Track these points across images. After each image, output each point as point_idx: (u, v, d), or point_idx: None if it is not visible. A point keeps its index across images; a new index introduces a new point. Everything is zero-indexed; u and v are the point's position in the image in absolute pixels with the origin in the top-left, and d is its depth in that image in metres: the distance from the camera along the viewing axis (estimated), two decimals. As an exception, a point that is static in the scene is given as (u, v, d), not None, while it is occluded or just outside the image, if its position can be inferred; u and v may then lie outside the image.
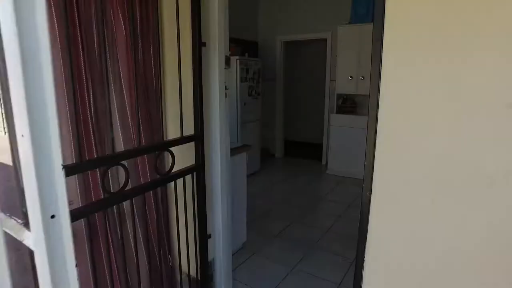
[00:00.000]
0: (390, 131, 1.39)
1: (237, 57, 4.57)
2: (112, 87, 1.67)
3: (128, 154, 1.43)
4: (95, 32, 1.51)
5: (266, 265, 2.76)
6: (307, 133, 7.51)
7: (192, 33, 1.72)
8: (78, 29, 1.44)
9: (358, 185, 4.76)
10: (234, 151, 2.58)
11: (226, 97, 2.02)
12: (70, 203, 1.39)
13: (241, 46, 5.56)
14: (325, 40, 5.56)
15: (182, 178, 1.77)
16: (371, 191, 1.44)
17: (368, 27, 4.75)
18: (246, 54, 4.89)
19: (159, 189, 1.83)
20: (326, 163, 5.63)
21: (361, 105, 5.36)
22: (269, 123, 6.37)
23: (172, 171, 1.70)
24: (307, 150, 6.96)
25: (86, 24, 1.49)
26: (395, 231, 1.41)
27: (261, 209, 3.87)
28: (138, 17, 1.70)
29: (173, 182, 1.75)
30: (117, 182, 1.72)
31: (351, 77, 5.00)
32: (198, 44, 1.73)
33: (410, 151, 1.34)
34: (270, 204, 4.05)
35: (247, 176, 5.11)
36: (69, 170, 1.18)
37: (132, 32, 1.53)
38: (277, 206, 4.00)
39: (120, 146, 1.72)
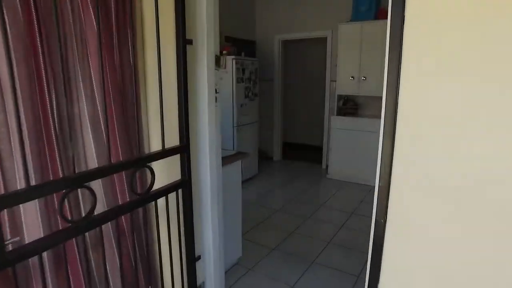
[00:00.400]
0: (411, 146, 1.16)
1: (233, 56, 4.34)
2: (82, 92, 1.43)
3: (94, 174, 1.19)
4: (57, 24, 1.27)
5: (263, 283, 2.53)
6: (306, 135, 7.28)
7: (175, 28, 1.48)
8: (34, 18, 1.20)
9: (359, 190, 4.53)
10: (227, 159, 2.35)
11: (216, 101, 1.78)
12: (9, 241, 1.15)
13: (238, 45, 5.32)
14: (325, 38, 5.33)
15: (166, 196, 1.54)
16: (386, 218, 1.21)
17: (370, 25, 4.53)
18: (243, 53, 4.66)
19: (140, 210, 1.59)
20: (327, 167, 5.41)
21: (362, 107, 5.14)
22: (267, 125, 6.13)
23: (153, 190, 1.46)
24: (306, 153, 6.72)
25: (45, 13, 1.25)
26: (418, 267, 1.18)
27: (258, 218, 3.64)
28: (113, 8, 1.46)
29: (156, 201, 1.52)
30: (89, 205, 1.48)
31: (352, 77, 4.77)
32: (183, 41, 1.49)
33: (438, 171, 1.10)
34: (268, 212, 3.82)
35: (244, 181, 4.92)
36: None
37: (105, 27, 1.30)
38: (275, 215, 3.76)
39: (93, 162, 1.48)
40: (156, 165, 1.68)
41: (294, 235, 3.28)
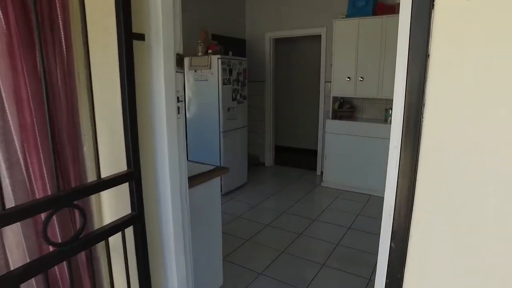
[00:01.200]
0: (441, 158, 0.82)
1: (219, 56, 3.97)
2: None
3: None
4: None
5: (246, 320, 2.17)
6: (300, 138, 6.92)
7: (116, 17, 1.12)
8: None
9: (357, 200, 4.19)
10: (203, 177, 1.99)
11: (179, 112, 1.42)
12: None
13: (226, 44, 4.95)
14: (319, 36, 4.98)
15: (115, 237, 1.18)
16: (407, 254, 0.86)
17: (368, 22, 4.18)
18: (230, 52, 4.29)
19: (82, 254, 1.23)
20: (321, 173, 5.07)
21: (360, 110, 4.79)
22: (258, 129, 5.77)
23: (89, 232, 1.10)
24: (300, 158, 6.38)
25: None
26: None
27: (245, 235, 3.28)
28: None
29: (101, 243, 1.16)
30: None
31: (348, 78, 4.42)
32: (127, 35, 1.13)
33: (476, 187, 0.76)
34: (257, 228, 3.46)
35: (232, 191, 4.57)
36: None
37: (20, 17, 0.93)
38: (264, 231, 3.41)
39: (8, 197, 1.11)
40: (105, 196, 1.33)
41: (284, 256, 2.92)
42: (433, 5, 0.77)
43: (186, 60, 4.18)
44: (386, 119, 4.47)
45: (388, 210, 0.95)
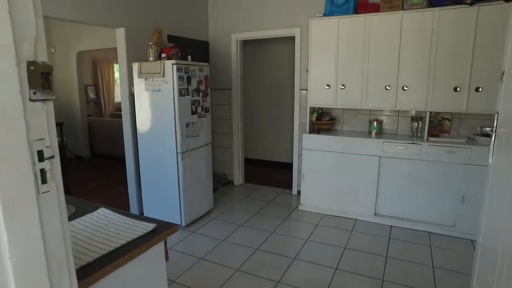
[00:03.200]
0: None
1: (173, 61, 3.26)
2: None
3: None
4: None
5: None
6: (273, 151, 6.29)
7: None
8: None
9: (341, 228, 3.60)
10: (129, 250, 1.28)
11: (46, 181, 0.71)
12: None
13: (185, 46, 4.25)
14: (294, 38, 4.38)
15: None
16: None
17: (349, 21, 3.61)
18: (189, 57, 3.59)
19: None
20: (298, 193, 4.46)
21: (340, 121, 4.23)
22: (225, 143, 5.08)
23: None
24: (273, 173, 5.75)
25: None
26: None
27: (210, 286, 2.59)
28: None
29: None
30: None
31: (328, 85, 3.84)
32: None
33: None
34: (224, 273, 2.77)
35: (195, 222, 3.81)
36: None
37: None
38: (234, 278, 2.73)
39: None
40: None
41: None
42: None
43: (135, 67, 3.43)
44: (370, 131, 3.93)
45: None
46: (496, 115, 1.30)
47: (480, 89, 3.23)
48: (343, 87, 3.76)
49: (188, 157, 3.49)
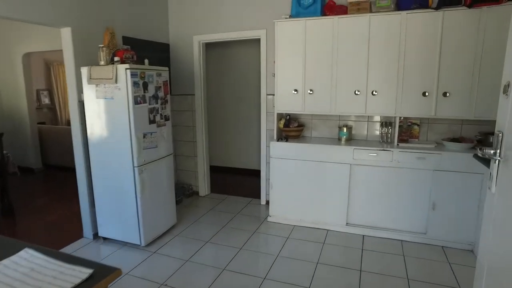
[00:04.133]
0: None
1: (127, 66, 2.94)
2: None
3: None
4: None
5: None
6: (240, 158, 6.07)
7: None
8: None
9: (313, 240, 3.43)
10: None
11: None
12: None
13: (143, 49, 3.93)
14: (259, 40, 4.18)
15: None
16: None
17: (316, 23, 3.45)
18: (146, 61, 3.27)
19: None
20: (267, 202, 4.26)
21: (308, 127, 4.07)
22: (188, 152, 4.79)
23: None
24: (240, 181, 5.52)
25: None
26: None
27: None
28: None
29: None
30: None
31: (295, 90, 3.67)
32: None
33: None
34: (187, 302, 2.50)
35: (156, 240, 3.44)
36: None
37: None
38: (197, 306, 2.46)
39: None
40: None
41: None
42: None
43: (84, 71, 3.08)
44: (340, 138, 3.80)
45: None
46: (499, 135, 1.12)
47: (448, 94, 3.18)
48: (311, 92, 3.60)
49: (147, 170, 3.18)
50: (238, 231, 3.65)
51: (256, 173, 4.48)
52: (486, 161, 1.23)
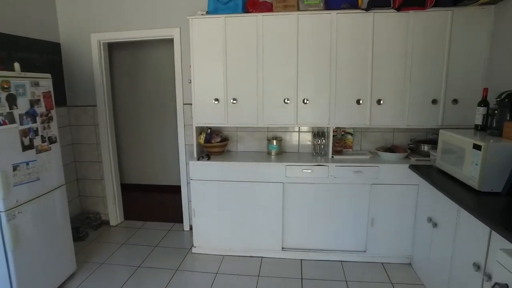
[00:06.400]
0: None
1: (-19, 73, 2.11)
2: None
3: None
4: None
5: None
6: (160, 174, 5.35)
7: None
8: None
9: (246, 273, 2.96)
10: None
11: None
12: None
13: (21, 49, 3.06)
14: (172, 40, 3.57)
15: None
16: None
17: (238, 21, 2.95)
18: (17, 65, 2.44)
19: None
20: (191, 228, 3.67)
21: (234, 140, 3.58)
22: (93, 174, 3.97)
23: None
24: (159, 202, 4.83)
25: None
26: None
27: None
28: None
29: None
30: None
31: (216, 100, 3.14)
32: None
33: None
34: None
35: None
36: None
37: None
38: None
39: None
40: None
41: None
42: None
43: None
44: (270, 152, 3.38)
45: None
46: None
47: (382, 102, 2.96)
48: (235, 101, 3.11)
49: (23, 213, 2.37)
50: (157, 272, 3.01)
51: (178, 190, 3.87)
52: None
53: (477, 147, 2.11)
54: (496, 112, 2.40)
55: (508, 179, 1.98)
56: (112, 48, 4.87)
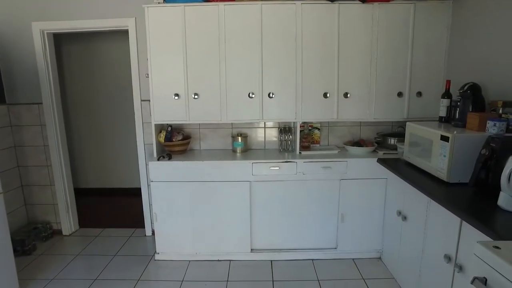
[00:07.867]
0: None
1: None
2: None
3: None
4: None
5: None
6: (119, 176, 5.01)
7: None
8: None
9: (213, 278, 2.80)
10: None
11: None
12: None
13: None
14: (127, 31, 3.29)
15: None
16: None
17: (198, 10, 2.75)
18: None
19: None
20: (153, 233, 3.43)
21: (196, 138, 3.39)
22: (41, 179, 3.60)
23: None
24: (118, 205, 4.52)
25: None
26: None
27: None
28: None
29: None
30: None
31: (176, 95, 2.94)
32: None
33: None
34: None
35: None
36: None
37: None
38: None
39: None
40: None
41: None
42: None
43: None
44: (235, 149, 3.22)
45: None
46: None
47: (349, 95, 2.90)
48: (196, 96, 2.92)
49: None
50: (116, 284, 2.75)
51: (139, 192, 3.60)
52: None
53: (445, 138, 2.10)
54: (459, 103, 2.41)
55: (474, 169, 1.97)
56: (61, 40, 4.47)
